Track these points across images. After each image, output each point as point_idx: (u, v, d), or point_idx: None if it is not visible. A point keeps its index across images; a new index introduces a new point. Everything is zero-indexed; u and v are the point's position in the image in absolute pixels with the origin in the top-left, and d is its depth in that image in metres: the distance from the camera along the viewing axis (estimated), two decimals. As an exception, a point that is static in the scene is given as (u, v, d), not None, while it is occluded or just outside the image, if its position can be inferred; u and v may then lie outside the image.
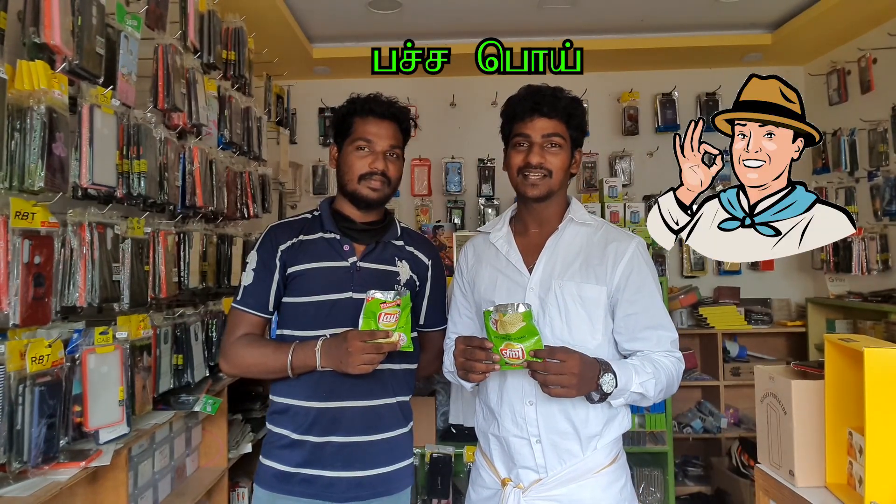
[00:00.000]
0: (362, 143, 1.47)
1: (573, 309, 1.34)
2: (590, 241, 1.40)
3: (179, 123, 2.05)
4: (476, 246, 1.53)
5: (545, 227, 1.43)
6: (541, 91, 1.40)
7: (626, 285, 1.35)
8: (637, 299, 1.35)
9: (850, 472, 1.07)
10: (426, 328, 1.60)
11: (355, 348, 1.31)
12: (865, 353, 0.98)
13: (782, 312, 3.98)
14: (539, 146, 1.38)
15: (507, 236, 1.46)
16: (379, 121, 1.48)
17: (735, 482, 3.32)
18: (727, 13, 3.50)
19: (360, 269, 1.48)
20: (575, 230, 1.41)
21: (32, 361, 1.32)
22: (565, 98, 1.40)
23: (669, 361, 1.35)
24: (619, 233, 1.42)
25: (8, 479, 1.33)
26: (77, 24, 1.52)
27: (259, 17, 2.97)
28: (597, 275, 1.35)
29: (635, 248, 1.37)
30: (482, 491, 1.45)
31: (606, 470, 1.35)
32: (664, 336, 1.36)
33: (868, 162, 3.37)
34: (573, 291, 1.34)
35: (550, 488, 1.33)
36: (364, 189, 1.47)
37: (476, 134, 4.12)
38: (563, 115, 1.38)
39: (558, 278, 1.36)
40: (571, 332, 1.34)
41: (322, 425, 1.43)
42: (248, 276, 1.49)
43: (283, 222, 1.56)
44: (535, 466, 1.35)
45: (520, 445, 1.36)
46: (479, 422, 1.48)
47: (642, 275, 1.36)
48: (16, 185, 1.34)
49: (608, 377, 1.26)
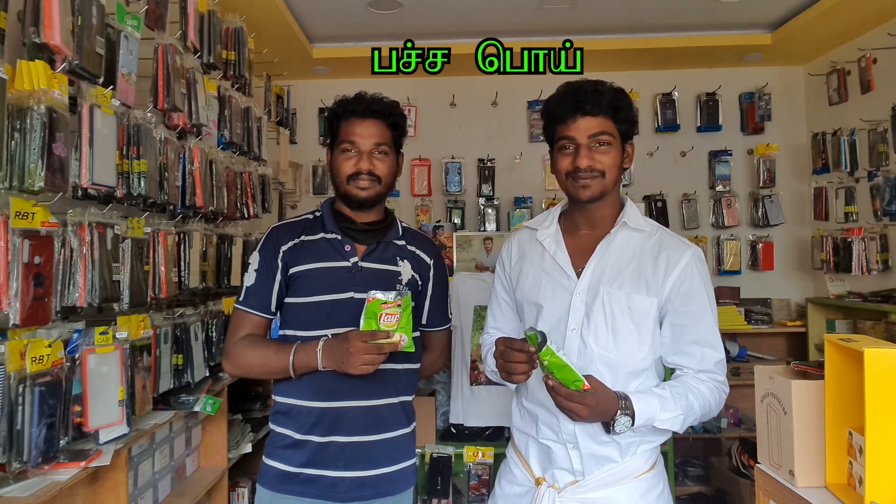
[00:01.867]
0: (347, 144, 1.47)
1: (621, 320, 1.28)
2: (643, 247, 1.32)
3: (179, 123, 2.05)
4: (521, 241, 1.47)
5: (597, 229, 1.36)
6: (581, 88, 1.30)
7: (676, 296, 1.28)
8: (685, 311, 1.28)
9: (851, 473, 1.07)
10: (428, 328, 1.59)
11: (356, 349, 1.31)
12: (865, 354, 0.98)
13: (782, 312, 3.98)
14: (587, 147, 1.29)
15: (555, 235, 1.39)
16: (361, 120, 1.47)
17: (735, 482, 3.32)
18: (727, 13, 3.50)
19: (361, 270, 1.48)
20: (628, 235, 1.34)
21: (32, 361, 1.32)
22: (609, 91, 1.30)
23: (708, 388, 1.28)
24: (674, 240, 1.34)
25: (8, 479, 1.33)
26: (77, 24, 1.52)
27: (259, 17, 2.98)
28: (648, 285, 1.29)
29: (690, 257, 1.30)
30: (513, 487, 1.41)
31: (645, 476, 1.32)
32: (709, 355, 1.29)
33: (868, 162, 3.37)
34: (622, 301, 1.29)
35: (587, 491, 1.30)
36: (353, 189, 1.47)
37: (476, 134, 4.12)
38: (609, 110, 1.29)
39: (607, 285, 1.30)
40: (617, 344, 1.29)
41: (325, 425, 1.43)
42: (250, 276, 1.49)
43: (284, 223, 1.56)
44: (571, 469, 1.32)
45: (557, 449, 1.33)
46: (517, 420, 1.44)
47: (694, 286, 1.29)
48: (16, 185, 1.33)
49: (624, 420, 1.20)
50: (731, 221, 4.08)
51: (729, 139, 4.14)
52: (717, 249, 4.12)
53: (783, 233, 4.10)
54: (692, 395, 1.26)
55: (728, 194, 4.10)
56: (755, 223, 4.10)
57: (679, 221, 4.13)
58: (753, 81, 4.12)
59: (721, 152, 4.12)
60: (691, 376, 1.30)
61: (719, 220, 4.10)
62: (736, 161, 4.14)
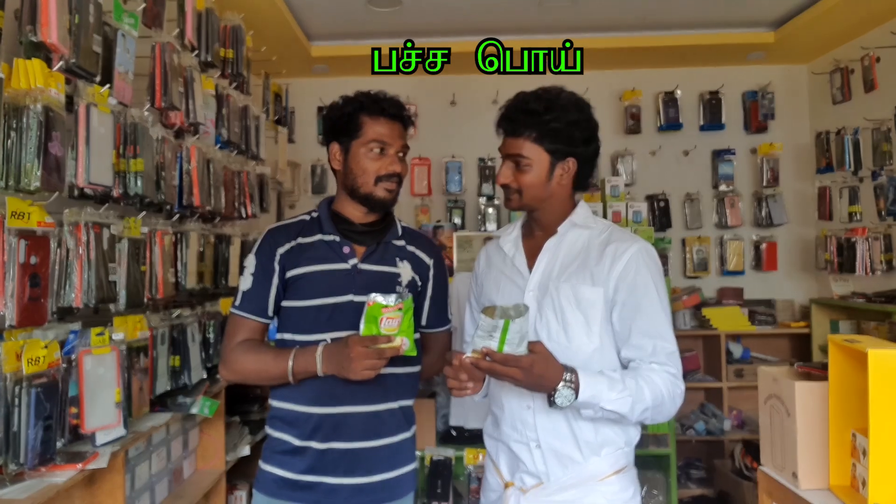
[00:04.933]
0: (376, 144, 1.44)
1: (569, 311, 1.31)
2: (591, 243, 1.36)
3: (176, 122, 2.04)
4: (489, 251, 1.52)
5: (548, 231, 1.40)
6: (514, 105, 1.34)
7: (622, 288, 1.30)
8: (633, 303, 1.30)
9: (854, 475, 1.06)
10: (429, 329, 1.58)
11: (357, 354, 1.29)
12: (869, 355, 0.97)
13: (786, 313, 3.96)
14: (507, 165, 1.35)
15: (515, 240, 1.44)
16: (391, 121, 1.46)
17: (738, 484, 3.30)
18: (730, 11, 3.49)
19: (360, 272, 1.45)
20: (577, 233, 1.38)
21: (28, 363, 1.31)
22: (538, 112, 1.30)
23: (660, 378, 1.27)
24: (622, 235, 1.37)
25: (4, 482, 1.33)
26: (74, 23, 1.51)
27: (257, 15, 2.97)
28: (593, 275, 1.31)
29: (637, 250, 1.31)
30: (490, 494, 1.45)
31: (611, 479, 1.32)
32: (661, 346, 1.29)
33: (872, 161, 3.35)
34: (569, 293, 1.31)
35: (551, 493, 1.32)
36: (381, 191, 1.45)
37: (476, 133, 4.10)
38: (532, 131, 1.31)
39: (555, 280, 1.34)
40: (568, 335, 1.31)
41: (324, 431, 1.41)
42: (246, 280, 1.47)
43: (280, 225, 1.54)
44: (535, 472, 1.33)
45: (520, 450, 1.35)
46: (488, 426, 1.48)
47: (641, 279, 1.30)
48: (12, 185, 1.33)
49: (567, 393, 1.20)
50: (734, 221, 4.06)
51: (732, 138, 4.12)
52: (720, 250, 4.10)
53: (787, 233, 4.08)
54: (642, 381, 1.26)
55: (731, 194, 4.09)
56: (758, 223, 4.08)
57: (682, 221, 4.11)
58: (756, 80, 4.10)
59: (724, 151, 4.10)
60: (644, 366, 1.30)
61: (722, 220, 4.08)
62: (739, 160, 4.12)
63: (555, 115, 1.31)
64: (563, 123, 1.31)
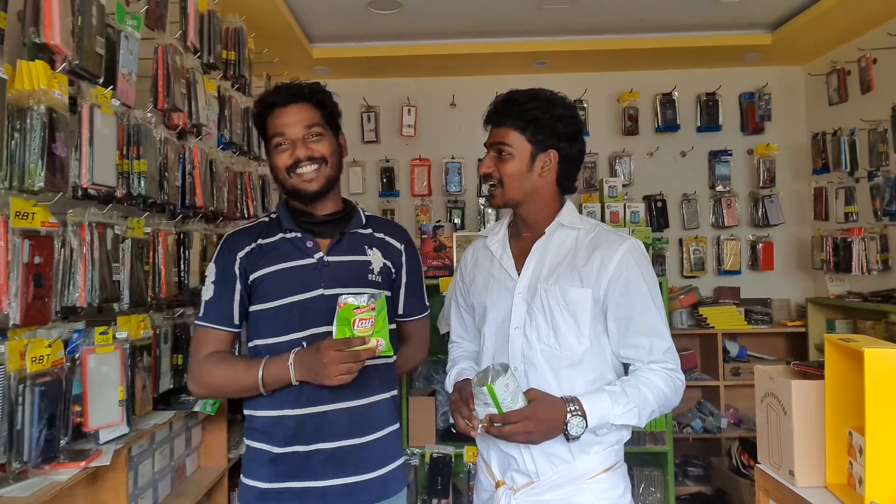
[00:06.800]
0: (277, 137, 1.39)
1: (558, 313, 1.30)
2: (579, 243, 1.35)
3: (179, 123, 2.05)
4: (476, 250, 1.52)
5: (535, 231, 1.39)
6: (501, 98, 1.37)
7: (615, 289, 1.29)
8: (627, 303, 1.29)
9: (851, 473, 1.07)
10: (406, 317, 1.53)
11: (330, 359, 1.23)
12: (865, 353, 0.98)
13: (782, 312, 3.98)
14: (489, 155, 1.37)
15: (502, 241, 1.44)
16: (284, 108, 1.39)
17: (735, 482, 3.32)
18: (727, 13, 3.50)
19: (328, 265, 1.40)
20: (565, 233, 1.37)
21: (32, 361, 1.32)
22: (522, 102, 1.34)
23: (661, 378, 1.28)
24: (610, 234, 1.36)
25: (8, 479, 1.33)
26: (77, 24, 1.52)
27: (259, 17, 2.97)
28: (581, 277, 1.31)
29: (626, 249, 1.31)
30: (482, 494, 1.45)
31: (601, 477, 1.31)
32: (657, 344, 1.29)
33: (868, 162, 3.37)
34: (557, 295, 1.31)
35: (541, 492, 1.31)
36: (299, 183, 1.38)
37: (476, 134, 4.07)
38: (516, 120, 1.33)
39: (544, 282, 1.33)
40: (557, 337, 1.31)
41: (307, 433, 1.35)
42: (207, 290, 1.40)
43: (239, 229, 1.47)
44: (526, 470, 1.34)
45: (510, 449, 1.35)
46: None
47: (632, 278, 1.29)
48: (16, 185, 1.33)
49: (577, 421, 1.22)
50: (731, 221, 4.08)
51: (729, 139, 4.14)
52: (717, 249, 4.12)
53: (783, 233, 4.10)
54: (644, 386, 1.27)
55: (728, 194, 4.10)
56: (755, 223, 4.10)
57: (679, 221, 4.13)
58: (753, 81, 4.12)
59: (721, 152, 4.12)
60: (644, 368, 1.30)
61: (719, 221, 4.10)
62: (736, 161, 4.14)
63: (538, 104, 1.33)
64: (547, 115, 1.33)
